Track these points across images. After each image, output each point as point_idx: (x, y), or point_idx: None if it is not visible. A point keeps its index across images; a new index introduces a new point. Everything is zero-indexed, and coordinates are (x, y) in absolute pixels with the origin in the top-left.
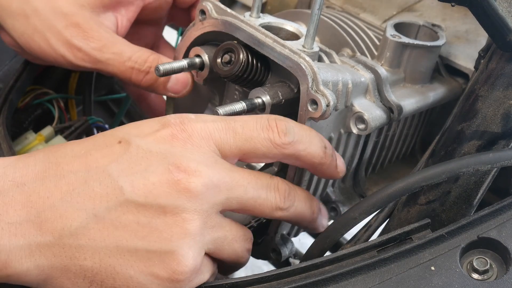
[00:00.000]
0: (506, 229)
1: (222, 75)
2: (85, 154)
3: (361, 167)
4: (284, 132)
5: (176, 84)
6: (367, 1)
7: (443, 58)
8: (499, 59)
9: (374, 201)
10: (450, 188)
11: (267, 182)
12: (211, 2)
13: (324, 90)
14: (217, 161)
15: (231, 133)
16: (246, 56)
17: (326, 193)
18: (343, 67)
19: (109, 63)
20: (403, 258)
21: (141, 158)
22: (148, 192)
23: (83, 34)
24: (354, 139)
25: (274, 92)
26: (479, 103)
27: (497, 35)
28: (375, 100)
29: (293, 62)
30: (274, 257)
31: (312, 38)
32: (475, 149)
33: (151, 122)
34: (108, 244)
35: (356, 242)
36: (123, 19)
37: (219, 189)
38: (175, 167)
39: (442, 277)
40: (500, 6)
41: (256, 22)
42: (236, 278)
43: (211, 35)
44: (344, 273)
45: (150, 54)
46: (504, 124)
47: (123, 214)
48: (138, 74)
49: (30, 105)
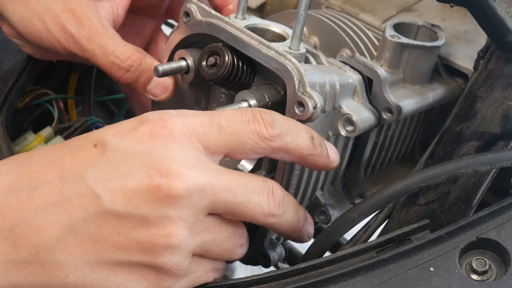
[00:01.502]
0: (505, 229)
1: (207, 78)
2: (59, 160)
3: (361, 168)
4: (271, 124)
5: (156, 88)
6: (366, 1)
7: (442, 58)
8: (498, 60)
9: (373, 202)
10: (449, 189)
11: (259, 185)
12: (195, 4)
13: (311, 92)
14: (200, 161)
15: (216, 127)
16: (232, 59)
17: (315, 197)
18: (330, 68)
19: (94, 53)
20: (402, 259)
21: (119, 162)
22: (127, 201)
23: (76, 20)
24: (342, 141)
25: (260, 94)
26: (478, 103)
27: (496, 35)
28: (363, 101)
29: (279, 64)
30: (263, 262)
31: (298, 39)
32: (474, 150)
33: (129, 122)
34: (89, 259)
35: (355, 242)
36: (118, 7)
37: (204, 193)
38: (155, 171)
39: (441, 278)
40: (499, 7)
41: (241, 23)
42: (236, 279)
43: (196, 37)
44: (343, 274)
45: (134, 52)
46: (503, 124)
47: (103, 225)
48: (118, 70)
49: (29, 105)
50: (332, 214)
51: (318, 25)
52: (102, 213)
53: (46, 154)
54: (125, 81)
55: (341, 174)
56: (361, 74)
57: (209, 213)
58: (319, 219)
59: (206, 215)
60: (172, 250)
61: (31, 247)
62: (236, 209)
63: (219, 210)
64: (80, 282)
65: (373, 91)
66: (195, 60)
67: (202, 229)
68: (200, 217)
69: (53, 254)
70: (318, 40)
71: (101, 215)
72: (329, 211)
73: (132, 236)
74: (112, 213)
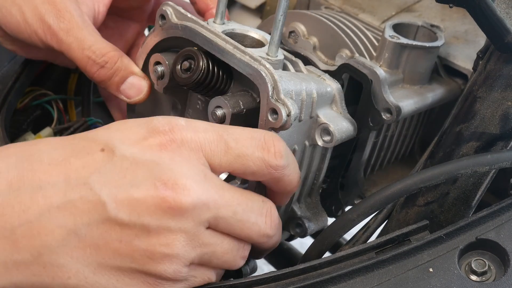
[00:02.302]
0: (504, 230)
1: (181, 83)
2: (64, 161)
3: (360, 168)
4: (281, 154)
5: (130, 89)
6: (366, 1)
7: (442, 58)
8: (497, 60)
9: (372, 203)
10: (449, 190)
11: (259, 205)
12: (172, 7)
13: (285, 99)
14: (206, 176)
15: (223, 146)
16: (207, 63)
17: (292, 209)
18: (308, 76)
19: (71, 46)
20: (402, 260)
21: (126, 169)
22: (132, 210)
23: (56, 12)
24: (320, 152)
25: (235, 101)
26: (477, 104)
27: (495, 36)
28: (341, 111)
29: (253, 69)
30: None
31: (276, 45)
32: (474, 151)
33: (137, 127)
34: (91, 262)
35: (354, 243)
36: (99, 5)
37: (207, 207)
38: (162, 183)
39: (441, 279)
40: (498, 8)
41: (219, 28)
42: (235, 280)
43: (172, 41)
44: (342, 275)
45: (111, 49)
46: (503, 125)
47: (106, 232)
48: (92, 65)
49: (29, 106)
50: (308, 227)
51: (317, 26)
52: (106, 220)
53: (49, 152)
54: (99, 78)
55: (318, 185)
56: (352, 77)
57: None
58: (295, 232)
59: (207, 228)
60: (171, 259)
61: (34, 249)
62: (235, 226)
63: (219, 226)
64: (81, 284)
65: (373, 92)
66: (171, 65)
67: (202, 243)
68: (201, 230)
69: (56, 256)
70: (318, 41)
71: (105, 222)
72: (305, 224)
73: (134, 244)
74: (115, 221)
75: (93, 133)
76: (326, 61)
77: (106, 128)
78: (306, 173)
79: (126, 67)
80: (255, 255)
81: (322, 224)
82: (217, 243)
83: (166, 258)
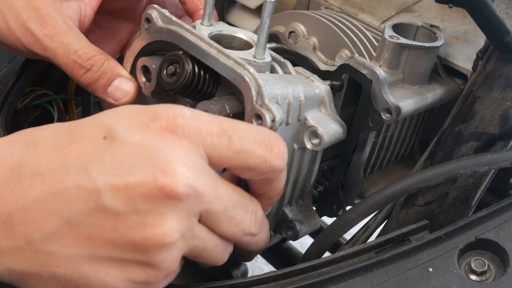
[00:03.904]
0: (504, 230)
1: (166, 88)
2: (66, 148)
3: (360, 168)
4: (283, 156)
5: (116, 91)
6: (365, 2)
7: (441, 59)
8: (496, 61)
9: (372, 203)
10: (448, 190)
11: (246, 202)
12: (157, 10)
13: (269, 104)
14: (204, 169)
15: (226, 141)
16: (192, 68)
17: (283, 211)
18: (296, 78)
19: (56, 52)
20: (401, 260)
21: (125, 158)
22: (128, 199)
23: (39, 18)
24: (309, 154)
25: (221, 105)
26: (477, 104)
27: (495, 36)
28: (331, 113)
29: (236, 74)
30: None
31: (262, 47)
32: (473, 151)
33: (142, 115)
34: (82, 252)
35: (354, 243)
36: (86, 8)
37: (200, 200)
38: (161, 171)
39: (440, 279)
40: (497, 8)
41: (207, 30)
42: (235, 279)
43: (159, 44)
44: (342, 275)
45: (97, 53)
46: (502, 125)
47: (100, 221)
48: (78, 69)
49: (29, 106)
50: (300, 230)
51: (317, 26)
52: (101, 208)
53: (54, 138)
54: (86, 82)
55: (310, 188)
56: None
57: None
58: (287, 235)
59: (198, 223)
60: (166, 250)
61: (28, 234)
62: (223, 222)
63: (208, 220)
64: (69, 273)
65: (372, 92)
66: (157, 68)
67: (194, 235)
68: (194, 222)
69: (48, 243)
70: (317, 41)
71: (100, 210)
72: (297, 226)
73: (128, 235)
74: (110, 210)
75: (99, 118)
76: (326, 61)
77: (113, 114)
78: (296, 176)
79: (113, 69)
80: (245, 257)
81: (314, 227)
82: (207, 237)
83: (162, 249)
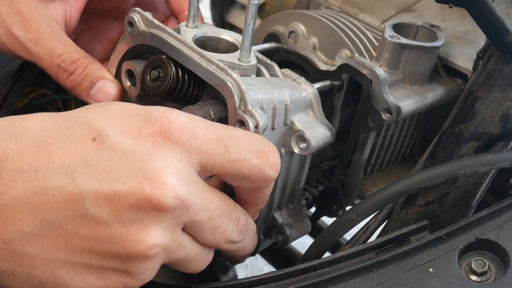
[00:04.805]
0: (504, 230)
1: (150, 93)
2: (51, 145)
3: (360, 168)
4: (277, 167)
5: (98, 93)
6: (365, 1)
7: (441, 58)
8: (497, 61)
9: (373, 203)
10: (449, 190)
11: (231, 210)
12: (139, 13)
13: (252, 110)
14: (192, 179)
15: (221, 149)
16: (176, 72)
17: (272, 216)
18: (282, 81)
19: (41, 56)
20: (401, 260)
21: (114, 163)
22: (112, 208)
23: (23, 23)
24: (298, 158)
25: (205, 110)
26: (477, 104)
27: (495, 36)
28: (319, 116)
29: (218, 80)
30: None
31: (247, 50)
32: (474, 151)
33: (136, 118)
34: (60, 255)
35: (354, 243)
36: (71, 9)
37: (186, 211)
38: (149, 181)
39: (440, 279)
40: (498, 8)
41: (191, 32)
42: (235, 280)
43: (144, 47)
44: (342, 275)
45: (81, 56)
46: (502, 125)
47: (81, 227)
48: (62, 73)
49: (29, 106)
50: (290, 235)
51: (317, 26)
52: (83, 214)
53: (38, 132)
54: (69, 85)
55: (299, 191)
56: (351, 77)
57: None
58: (277, 239)
59: (181, 233)
60: (147, 260)
61: (5, 233)
62: (207, 231)
63: (192, 229)
64: (44, 276)
65: (372, 92)
66: (141, 73)
67: (177, 246)
68: (178, 232)
69: (25, 244)
70: (317, 41)
71: (82, 216)
72: (287, 231)
73: (110, 244)
74: (93, 218)
75: (89, 116)
76: (326, 61)
77: (105, 113)
78: (285, 180)
79: (96, 72)
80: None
81: (304, 231)
82: (190, 246)
83: (142, 260)
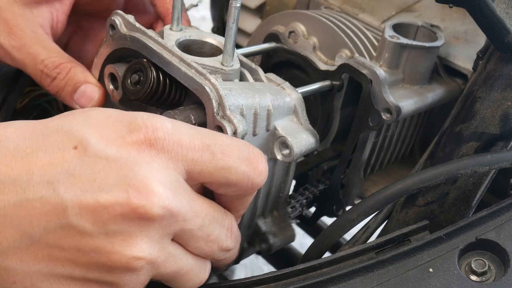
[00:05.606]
0: (504, 230)
1: (131, 97)
2: (30, 154)
3: (360, 168)
4: (265, 174)
5: (82, 97)
6: (365, 1)
7: (441, 58)
8: (497, 61)
9: (372, 203)
10: (449, 190)
11: (222, 217)
12: (121, 16)
13: (231, 116)
14: (180, 186)
15: (208, 157)
16: (156, 76)
17: (256, 224)
18: (265, 86)
19: (25, 63)
20: (401, 260)
21: (97, 172)
22: (97, 218)
23: (7, 30)
24: (282, 165)
25: (186, 115)
26: (477, 104)
27: (495, 36)
28: (303, 122)
29: (197, 84)
30: None
31: (230, 54)
32: (474, 151)
33: (119, 125)
34: (41, 269)
35: (354, 243)
36: (58, 13)
37: (175, 220)
38: (135, 190)
39: (440, 279)
40: (498, 8)
41: (175, 36)
42: (235, 280)
43: (127, 51)
44: (342, 275)
45: (64, 61)
46: (503, 125)
47: (63, 238)
48: (46, 78)
49: (28, 106)
50: (273, 243)
51: (317, 26)
52: (66, 225)
53: (16, 141)
54: (53, 90)
55: (284, 198)
56: (351, 77)
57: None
58: (261, 247)
59: (171, 243)
60: (132, 273)
61: None
62: (199, 239)
63: (183, 238)
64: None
65: (372, 92)
66: (122, 77)
67: (168, 255)
68: (166, 242)
69: (5, 258)
70: (317, 41)
71: (64, 227)
72: (270, 240)
73: (93, 255)
74: (76, 228)
75: (69, 124)
76: (326, 61)
77: (85, 120)
78: (269, 187)
79: (79, 76)
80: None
81: (289, 240)
82: (182, 257)
83: (127, 272)
